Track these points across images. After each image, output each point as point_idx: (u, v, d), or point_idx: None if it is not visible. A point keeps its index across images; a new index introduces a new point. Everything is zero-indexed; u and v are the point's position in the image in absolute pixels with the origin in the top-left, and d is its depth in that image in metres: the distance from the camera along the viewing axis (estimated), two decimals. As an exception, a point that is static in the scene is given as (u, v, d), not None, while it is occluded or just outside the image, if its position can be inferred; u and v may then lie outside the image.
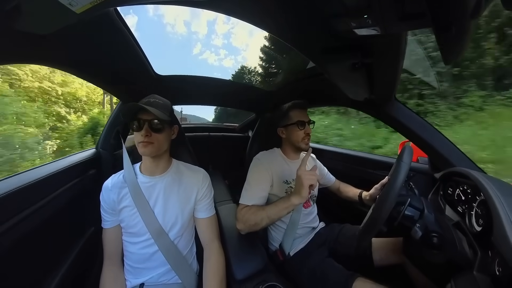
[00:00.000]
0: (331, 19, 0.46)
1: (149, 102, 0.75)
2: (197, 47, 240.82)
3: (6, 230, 0.57)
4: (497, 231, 0.52)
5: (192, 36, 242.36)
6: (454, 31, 0.33)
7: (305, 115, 1.04)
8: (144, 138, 0.71)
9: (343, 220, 1.18)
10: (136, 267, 0.77)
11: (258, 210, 0.82)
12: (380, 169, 1.30)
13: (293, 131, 1.03)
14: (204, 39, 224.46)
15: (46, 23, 0.47)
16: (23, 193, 0.64)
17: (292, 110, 1.05)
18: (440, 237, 0.66)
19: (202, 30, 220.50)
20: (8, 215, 0.59)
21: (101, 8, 0.41)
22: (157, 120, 0.72)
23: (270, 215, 0.79)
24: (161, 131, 0.75)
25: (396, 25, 0.43)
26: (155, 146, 0.74)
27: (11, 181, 0.66)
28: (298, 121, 1.01)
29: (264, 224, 0.79)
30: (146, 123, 0.72)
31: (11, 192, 0.60)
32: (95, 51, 0.73)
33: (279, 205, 0.78)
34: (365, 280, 0.77)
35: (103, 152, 1.13)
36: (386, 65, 0.67)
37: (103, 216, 0.79)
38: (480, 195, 0.67)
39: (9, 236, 0.58)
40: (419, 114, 1.01)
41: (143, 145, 0.72)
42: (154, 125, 0.73)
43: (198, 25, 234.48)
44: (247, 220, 0.81)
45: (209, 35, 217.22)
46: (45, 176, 0.74)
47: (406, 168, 0.63)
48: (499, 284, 0.49)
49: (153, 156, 0.77)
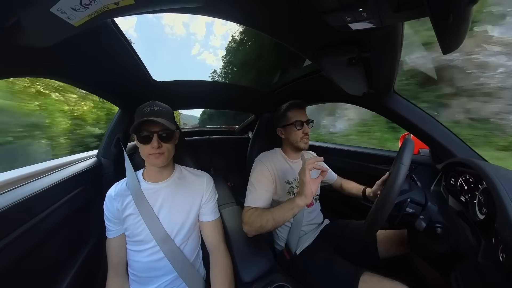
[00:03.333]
0: (325, 15, 0.45)
1: (153, 111, 0.72)
2: (196, 47, 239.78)
3: (10, 242, 0.57)
4: (500, 219, 0.52)
5: (191, 37, 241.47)
6: (452, 19, 0.33)
7: (302, 115, 1.04)
8: (156, 150, 0.71)
9: (348, 216, 1.17)
10: (142, 276, 0.76)
11: (264, 212, 0.82)
12: (381, 163, 1.30)
13: (292, 131, 1.03)
14: (202, 40, 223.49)
15: (45, 37, 0.47)
16: (25, 205, 0.64)
17: (290, 110, 1.05)
18: (443, 227, 0.67)
19: (200, 31, 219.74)
20: (11, 227, 0.59)
21: (99, 20, 0.42)
22: (166, 130, 0.72)
23: (275, 217, 0.78)
24: (170, 140, 0.75)
25: (392, 17, 0.42)
26: (166, 156, 0.74)
27: (14, 193, 0.66)
28: (295, 121, 1.01)
29: (270, 226, 0.78)
30: (155, 135, 0.70)
31: (14, 204, 0.60)
32: (92, 61, 0.73)
33: (285, 207, 0.78)
34: (372, 274, 0.77)
35: (104, 160, 1.12)
36: (384, 58, 0.66)
37: (107, 226, 0.78)
38: (483, 183, 0.67)
39: (13, 248, 0.58)
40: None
41: (155, 156, 0.72)
42: (164, 135, 0.72)
43: (196, 26, 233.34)
44: (253, 223, 0.81)
45: (208, 36, 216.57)
46: (47, 187, 0.74)
47: (405, 170, 0.62)
48: (503, 270, 0.49)
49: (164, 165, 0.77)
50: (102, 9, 0.39)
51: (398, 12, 0.40)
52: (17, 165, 1.06)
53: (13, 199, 0.61)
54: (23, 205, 0.63)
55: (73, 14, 0.39)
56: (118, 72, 0.85)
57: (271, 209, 0.82)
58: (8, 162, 2.97)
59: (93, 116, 5.22)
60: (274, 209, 0.80)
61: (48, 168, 0.93)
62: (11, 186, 0.70)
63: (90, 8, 0.38)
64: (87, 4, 0.37)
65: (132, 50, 0.74)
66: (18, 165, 1.05)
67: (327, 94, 1.31)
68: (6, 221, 0.58)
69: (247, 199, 0.91)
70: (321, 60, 0.69)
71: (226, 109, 1.99)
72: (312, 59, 0.73)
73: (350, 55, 0.61)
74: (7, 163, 2.96)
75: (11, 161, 3.00)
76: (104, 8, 0.39)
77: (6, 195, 0.64)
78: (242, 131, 2.41)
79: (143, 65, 0.86)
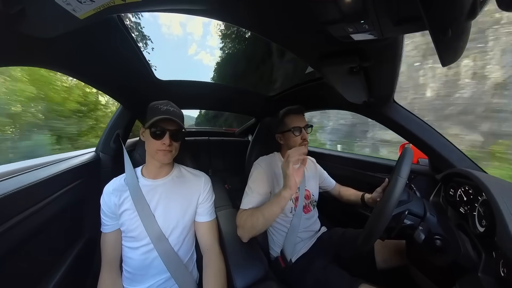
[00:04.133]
0: (328, 26, 0.46)
1: (168, 110, 0.77)
2: (193, 47, 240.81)
3: (3, 232, 0.56)
4: (501, 232, 0.51)
5: (188, 37, 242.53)
6: (451, 33, 0.33)
7: (300, 120, 1.04)
8: (166, 147, 0.75)
9: (345, 225, 1.16)
10: (135, 274, 0.76)
11: (254, 211, 0.82)
12: (380, 171, 1.29)
13: (290, 137, 1.03)
14: (199, 40, 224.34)
15: (49, 28, 0.48)
16: (20, 196, 0.64)
17: (287, 116, 1.05)
18: (443, 239, 0.66)
19: (197, 31, 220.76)
20: (4, 218, 0.58)
21: (104, 15, 0.42)
22: (180, 130, 0.77)
23: (264, 214, 0.78)
24: (179, 139, 0.79)
25: (393, 29, 0.43)
26: (173, 154, 0.79)
27: (8, 183, 0.66)
28: (293, 127, 1.01)
29: (260, 224, 0.78)
30: (168, 132, 0.75)
31: (8, 194, 0.60)
32: (97, 56, 0.74)
33: (272, 202, 0.78)
34: (369, 286, 0.76)
35: (103, 155, 1.12)
36: (384, 67, 0.67)
37: (103, 220, 0.79)
38: (482, 195, 0.66)
39: (4, 239, 0.58)
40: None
41: (163, 153, 0.76)
42: (176, 134, 0.77)
43: (193, 26, 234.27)
44: (245, 224, 0.81)
45: (205, 36, 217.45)
46: (43, 179, 0.74)
47: (402, 183, 0.62)
48: (504, 285, 0.48)
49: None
50: (108, 3, 0.39)
51: (398, 26, 0.41)
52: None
53: (7, 188, 0.61)
54: (17, 195, 0.63)
55: (78, 6, 0.39)
56: (122, 69, 0.86)
57: (260, 207, 0.82)
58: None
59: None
60: (263, 206, 0.81)
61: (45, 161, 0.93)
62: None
63: (96, 2, 0.38)
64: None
65: (137, 47, 0.75)
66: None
67: (327, 101, 1.32)
68: (0, 211, 0.57)
69: (242, 202, 0.90)
70: (323, 67, 0.70)
71: (227, 111, 2.00)
72: (315, 66, 0.74)
73: (351, 64, 0.62)
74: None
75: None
76: (111, 2, 0.39)
77: (1, 184, 0.64)
78: (242, 134, 2.42)
79: (147, 63, 0.87)
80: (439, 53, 0.40)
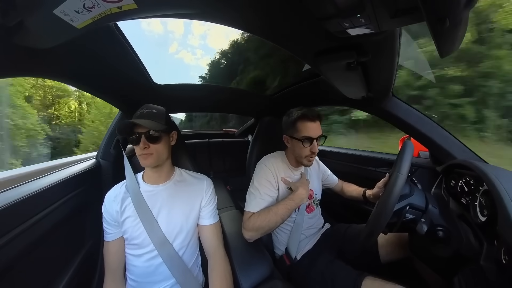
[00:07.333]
0: (323, 21, 0.46)
1: (142, 114, 0.75)
2: (173, 45, 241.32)
3: (5, 242, 0.56)
4: (502, 220, 0.52)
5: (169, 35, 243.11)
6: (449, 23, 0.33)
7: (314, 129, 0.92)
8: (143, 150, 0.72)
9: (349, 220, 1.17)
10: (139, 282, 0.75)
11: (266, 213, 0.83)
12: (381, 166, 1.29)
13: (298, 146, 0.93)
14: (180, 39, 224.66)
15: (47, 38, 0.48)
16: (22, 205, 0.63)
17: (301, 121, 0.92)
18: (445, 230, 0.67)
19: (178, 30, 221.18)
20: (7, 228, 0.58)
21: (101, 23, 0.42)
22: (152, 131, 0.73)
23: (278, 212, 0.81)
24: (158, 140, 0.75)
25: (390, 22, 0.43)
26: (155, 157, 0.75)
27: (10, 193, 0.65)
28: (304, 137, 0.91)
29: (273, 223, 0.81)
30: (142, 136, 0.72)
31: (10, 204, 0.59)
32: (95, 63, 0.74)
33: (285, 200, 0.83)
34: (374, 278, 0.76)
35: (103, 162, 1.12)
36: (382, 62, 0.67)
37: (105, 229, 0.78)
38: (483, 185, 0.67)
39: (8, 249, 0.57)
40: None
41: (143, 157, 0.73)
42: (151, 136, 0.73)
43: (174, 24, 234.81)
44: (259, 228, 0.81)
45: (186, 35, 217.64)
46: (44, 188, 0.73)
47: (403, 180, 0.63)
48: (506, 272, 0.49)
49: (155, 166, 0.78)
50: (105, 12, 0.39)
51: (395, 18, 0.41)
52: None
53: (10, 199, 0.61)
54: (20, 205, 0.62)
55: (76, 16, 0.39)
56: (119, 75, 0.86)
57: (271, 207, 0.85)
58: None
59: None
60: (274, 206, 0.84)
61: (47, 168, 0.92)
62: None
63: (93, 11, 0.38)
64: (90, 7, 0.37)
65: (134, 53, 0.75)
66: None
67: (326, 98, 1.32)
68: (2, 221, 0.57)
69: (249, 204, 0.89)
70: (320, 64, 0.70)
71: (226, 113, 2.00)
72: (312, 63, 0.73)
73: (348, 60, 0.62)
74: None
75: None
76: (107, 11, 0.39)
77: (3, 195, 0.63)
78: (241, 134, 2.42)
79: (144, 68, 0.87)
80: (437, 43, 0.40)
